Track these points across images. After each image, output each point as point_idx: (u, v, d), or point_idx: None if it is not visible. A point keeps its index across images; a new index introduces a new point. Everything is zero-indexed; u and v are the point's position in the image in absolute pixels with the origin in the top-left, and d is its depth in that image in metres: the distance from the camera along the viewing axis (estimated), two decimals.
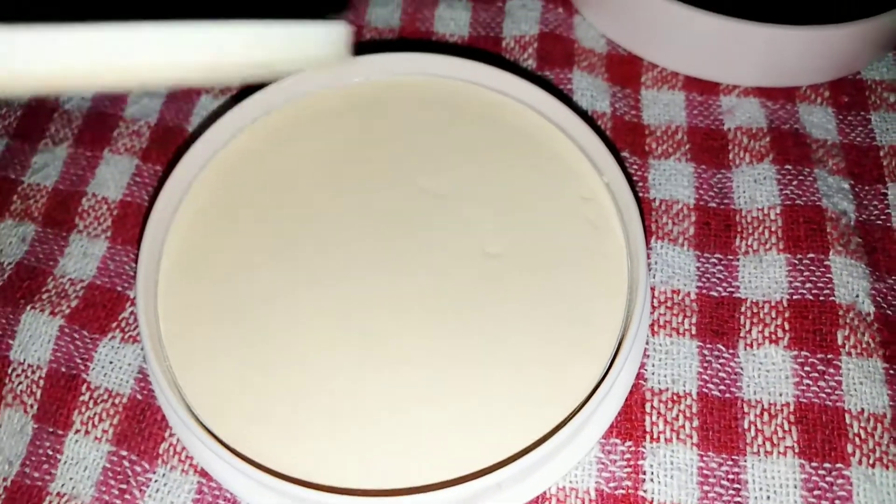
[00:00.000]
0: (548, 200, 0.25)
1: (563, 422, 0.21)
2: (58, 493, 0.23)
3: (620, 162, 0.27)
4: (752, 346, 0.24)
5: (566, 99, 0.29)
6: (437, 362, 0.22)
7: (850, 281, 0.25)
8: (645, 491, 0.22)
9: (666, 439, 0.23)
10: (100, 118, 0.30)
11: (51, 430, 0.24)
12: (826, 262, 0.25)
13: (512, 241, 0.24)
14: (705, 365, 0.24)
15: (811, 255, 0.25)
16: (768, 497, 0.22)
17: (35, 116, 0.31)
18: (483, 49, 0.31)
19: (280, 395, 0.22)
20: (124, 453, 0.24)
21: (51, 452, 0.24)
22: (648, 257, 0.26)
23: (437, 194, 0.25)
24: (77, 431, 0.24)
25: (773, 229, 0.26)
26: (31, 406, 0.25)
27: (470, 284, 0.24)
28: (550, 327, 0.23)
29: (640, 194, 0.27)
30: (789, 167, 0.27)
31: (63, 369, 0.25)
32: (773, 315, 0.25)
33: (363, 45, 0.32)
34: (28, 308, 0.26)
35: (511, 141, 0.26)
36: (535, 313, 0.23)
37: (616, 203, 0.25)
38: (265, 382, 0.22)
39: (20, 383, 0.25)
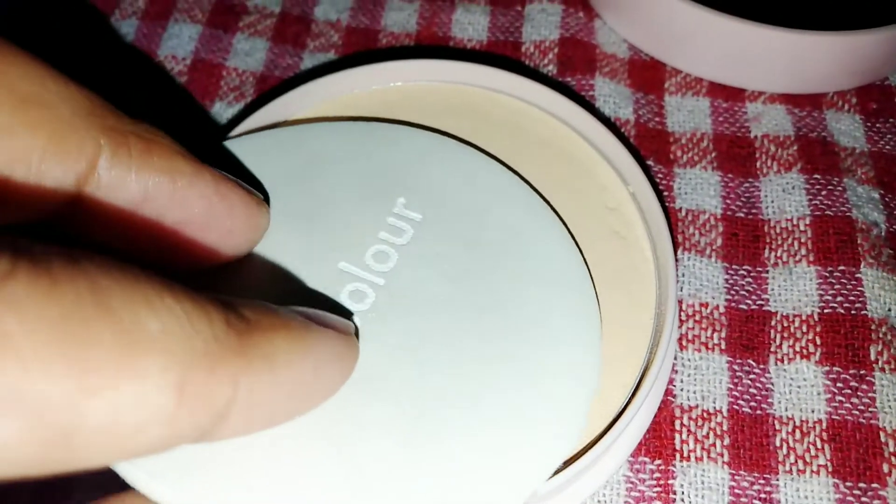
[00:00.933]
0: (572, 210, 0.24)
1: (593, 441, 0.20)
2: None
3: (646, 171, 0.27)
4: (782, 361, 0.24)
5: (589, 106, 0.28)
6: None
7: (882, 294, 0.24)
8: None
9: (696, 458, 0.22)
10: None
11: None
12: (857, 275, 0.25)
13: None
14: (735, 381, 0.24)
15: (842, 268, 0.25)
16: None
17: None
18: (502, 55, 0.30)
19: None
20: None
21: None
22: (676, 269, 0.25)
23: None
24: None
25: (802, 240, 0.26)
26: None
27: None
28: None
29: (666, 204, 0.27)
30: (818, 176, 0.27)
31: None
32: (804, 329, 0.24)
33: (381, 51, 0.31)
34: None
35: (534, 149, 0.26)
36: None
37: (642, 213, 0.24)
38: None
39: None
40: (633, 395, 0.21)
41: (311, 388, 0.15)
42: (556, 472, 0.19)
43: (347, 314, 0.19)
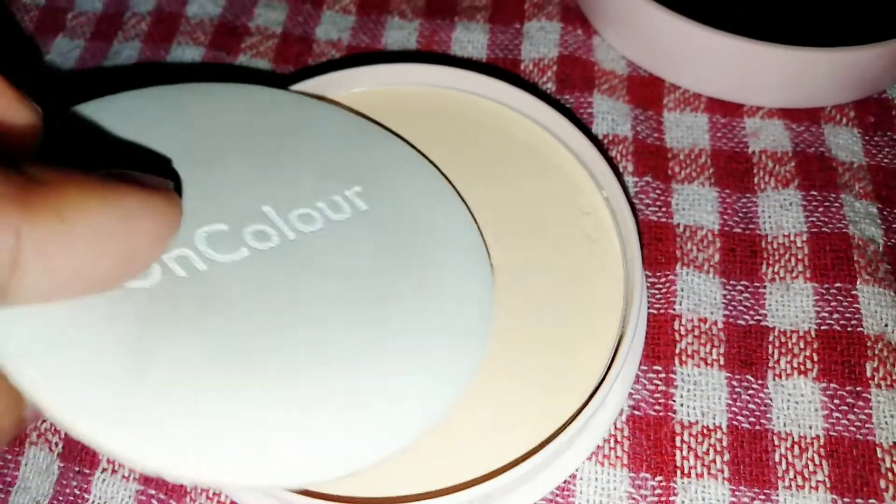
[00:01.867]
0: (548, 213, 0.25)
1: (552, 436, 0.21)
2: None
3: (618, 175, 0.27)
4: (780, 376, 0.24)
5: (571, 115, 0.29)
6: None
7: (878, 311, 0.25)
8: None
9: (697, 474, 0.23)
10: None
11: (77, 469, 0.24)
12: (853, 292, 0.25)
13: (510, 253, 0.24)
14: (734, 396, 0.24)
15: (838, 285, 0.25)
16: None
17: None
18: (498, 68, 0.31)
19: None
20: (153, 492, 0.24)
21: (77, 492, 0.24)
22: (666, 277, 0.26)
23: None
24: (104, 470, 0.24)
25: (799, 257, 0.26)
26: (56, 444, 0.25)
27: None
28: (543, 343, 0.23)
29: (664, 219, 0.27)
30: (815, 193, 0.27)
31: None
32: (802, 345, 0.24)
33: (373, 56, 0.31)
34: None
35: (511, 152, 0.26)
36: (528, 327, 0.23)
37: (614, 218, 0.25)
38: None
39: (44, 422, 0.25)
40: (590, 397, 0.21)
41: (125, 242, 0.15)
42: (507, 469, 0.20)
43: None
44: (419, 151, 0.25)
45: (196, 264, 0.18)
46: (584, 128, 0.29)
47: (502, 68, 0.31)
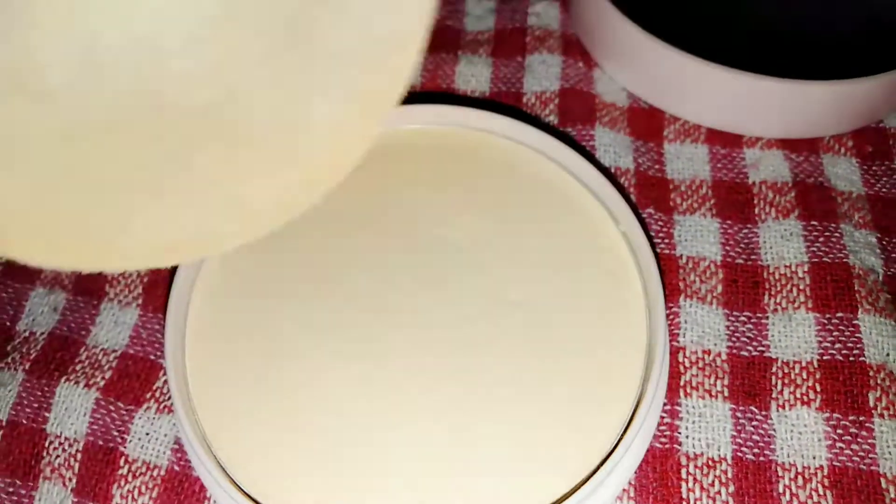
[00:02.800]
0: (566, 249, 0.26)
1: (582, 481, 0.22)
2: None
3: (636, 211, 0.27)
4: (783, 407, 0.24)
5: (584, 152, 0.29)
6: (457, 414, 0.23)
7: (879, 340, 0.25)
8: None
9: None
10: None
11: None
12: (855, 322, 0.25)
13: (532, 290, 0.25)
14: (739, 428, 0.24)
15: (840, 315, 0.25)
16: None
17: None
18: (501, 104, 0.31)
19: (314, 452, 0.23)
20: None
21: None
22: (669, 309, 0.26)
23: (456, 244, 0.26)
24: None
25: (801, 287, 0.26)
26: (70, 480, 0.25)
27: (489, 336, 0.24)
28: (570, 379, 0.23)
29: (667, 251, 0.28)
30: (815, 223, 0.27)
31: (100, 442, 0.25)
32: (804, 376, 0.25)
33: None
34: (63, 380, 0.26)
35: (528, 190, 0.27)
36: (554, 364, 0.24)
37: (633, 252, 0.25)
38: (298, 441, 0.23)
39: (58, 457, 0.25)
40: (625, 432, 0.22)
41: None
42: None
43: None
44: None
45: None
46: (597, 162, 0.29)
47: (507, 103, 0.31)
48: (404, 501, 0.22)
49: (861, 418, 0.24)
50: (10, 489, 0.25)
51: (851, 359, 0.25)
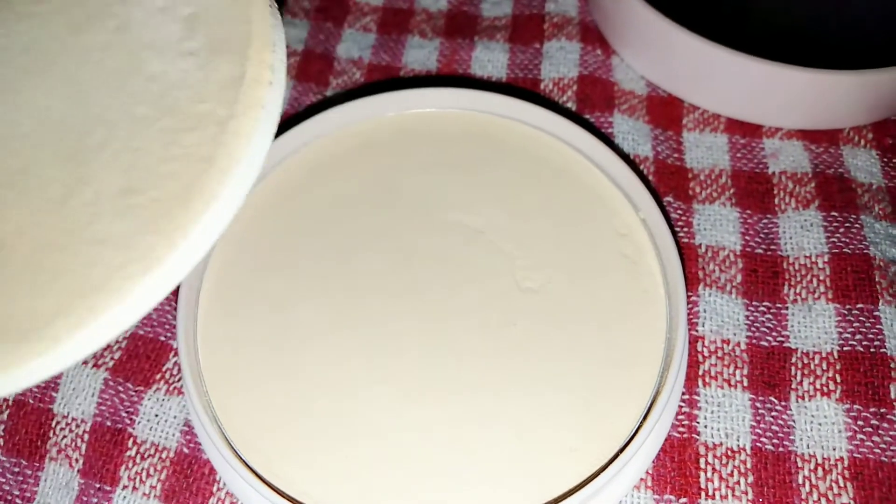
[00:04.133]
0: (584, 235, 0.25)
1: (601, 469, 0.21)
2: None
3: (657, 197, 0.27)
4: (803, 398, 0.24)
5: (603, 137, 0.29)
6: (473, 400, 0.23)
7: None
8: None
9: (721, 496, 0.23)
10: None
11: (97, 485, 0.24)
12: (876, 313, 0.25)
13: (549, 276, 0.25)
14: (758, 418, 0.24)
15: (860, 306, 0.25)
16: None
17: None
18: (521, 89, 0.31)
19: (325, 435, 0.22)
20: None
21: None
22: (688, 298, 0.26)
23: (473, 229, 0.26)
24: (125, 487, 0.24)
25: (821, 278, 0.26)
26: (77, 461, 0.24)
27: (506, 323, 0.24)
28: (588, 366, 0.23)
29: (686, 240, 0.27)
30: (835, 214, 0.27)
31: (108, 423, 0.25)
32: (824, 367, 0.24)
33: (402, 80, 0.31)
34: None
35: (545, 176, 0.27)
36: (572, 351, 0.23)
37: (652, 239, 0.25)
38: (311, 424, 0.22)
39: (65, 437, 0.25)
40: (644, 420, 0.22)
41: None
42: (564, 497, 0.20)
43: None
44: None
45: None
46: (617, 149, 0.29)
47: (525, 88, 0.31)
48: (418, 485, 0.21)
49: (882, 410, 0.24)
50: (16, 469, 0.25)
51: (872, 350, 0.24)
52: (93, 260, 0.18)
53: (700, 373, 0.25)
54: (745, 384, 0.24)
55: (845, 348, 0.25)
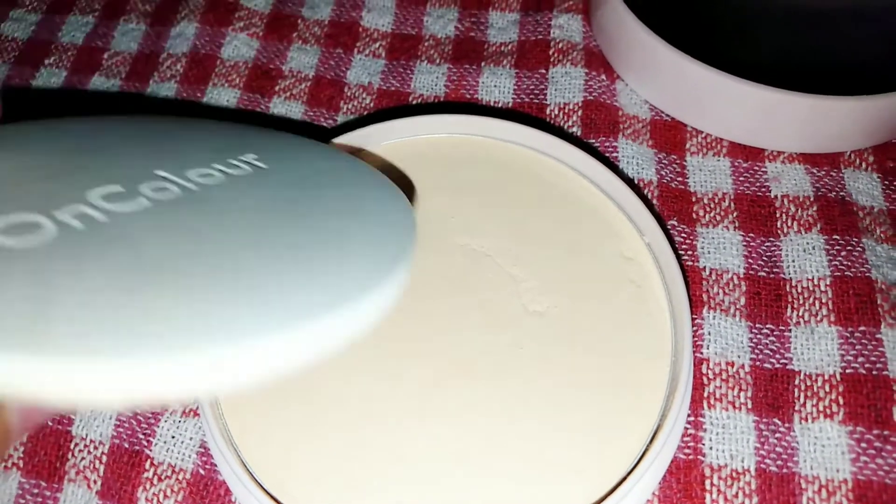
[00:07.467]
0: (590, 259, 0.26)
1: (608, 491, 0.22)
2: None
3: (661, 221, 0.28)
4: (807, 420, 0.25)
5: (608, 162, 0.30)
6: (481, 422, 0.23)
7: None
8: None
9: None
10: None
11: None
12: (878, 336, 0.25)
13: (555, 300, 0.25)
14: (762, 440, 0.24)
15: (862, 328, 0.26)
16: None
17: None
18: (526, 114, 0.31)
19: (340, 457, 0.23)
20: None
21: None
22: (693, 321, 0.26)
23: (479, 252, 0.26)
24: None
25: (823, 301, 0.26)
26: (95, 482, 0.25)
27: (512, 346, 0.24)
28: (595, 389, 0.23)
29: (690, 263, 0.28)
30: (837, 237, 0.27)
31: (126, 445, 0.25)
32: (827, 389, 0.25)
33: (409, 107, 0.32)
34: None
35: (551, 201, 0.27)
36: (579, 374, 0.24)
37: (657, 263, 0.25)
38: (324, 446, 0.23)
39: (83, 459, 0.25)
40: (651, 443, 0.22)
41: None
42: None
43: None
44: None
45: (95, 216, 0.15)
46: (622, 174, 0.29)
47: (530, 114, 0.32)
48: None
49: (886, 432, 0.24)
50: (35, 490, 0.25)
51: (874, 373, 0.25)
52: None
53: (705, 395, 0.25)
54: (750, 406, 0.25)
55: (848, 371, 0.25)
